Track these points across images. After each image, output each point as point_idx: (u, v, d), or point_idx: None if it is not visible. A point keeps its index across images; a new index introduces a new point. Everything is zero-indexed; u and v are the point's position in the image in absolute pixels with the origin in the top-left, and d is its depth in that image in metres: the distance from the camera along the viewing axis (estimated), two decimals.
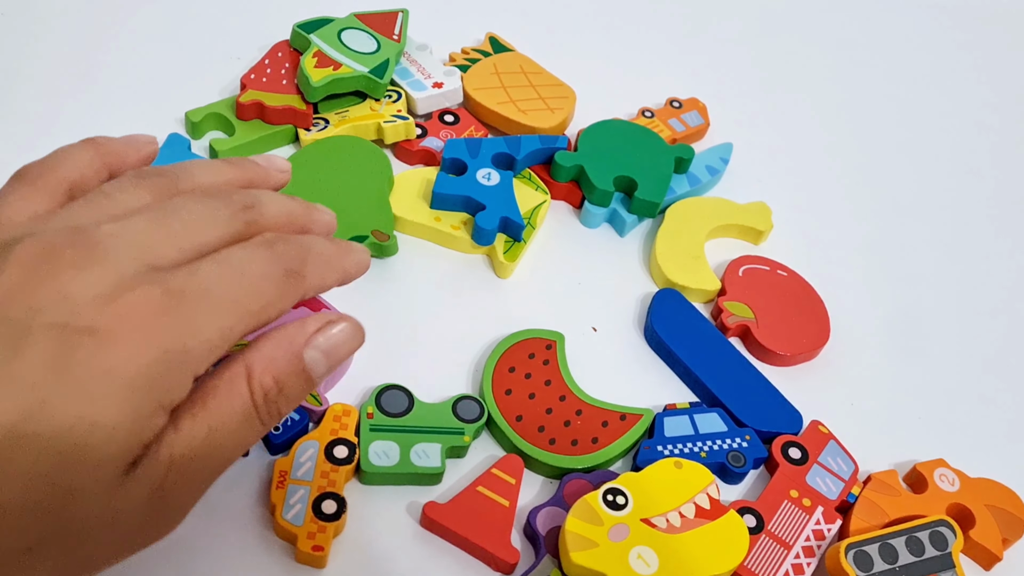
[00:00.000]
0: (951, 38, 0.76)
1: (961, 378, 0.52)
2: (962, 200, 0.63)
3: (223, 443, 0.29)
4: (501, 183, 0.51)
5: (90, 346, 0.26)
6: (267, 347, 0.30)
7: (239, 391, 0.29)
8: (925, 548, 0.42)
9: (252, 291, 0.30)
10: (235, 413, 0.29)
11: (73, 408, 0.26)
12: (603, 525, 0.39)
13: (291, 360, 0.30)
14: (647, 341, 0.50)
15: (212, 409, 0.29)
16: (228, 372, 0.30)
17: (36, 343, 0.26)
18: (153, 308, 0.27)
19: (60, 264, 0.27)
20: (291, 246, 0.32)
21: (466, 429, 0.43)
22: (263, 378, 0.30)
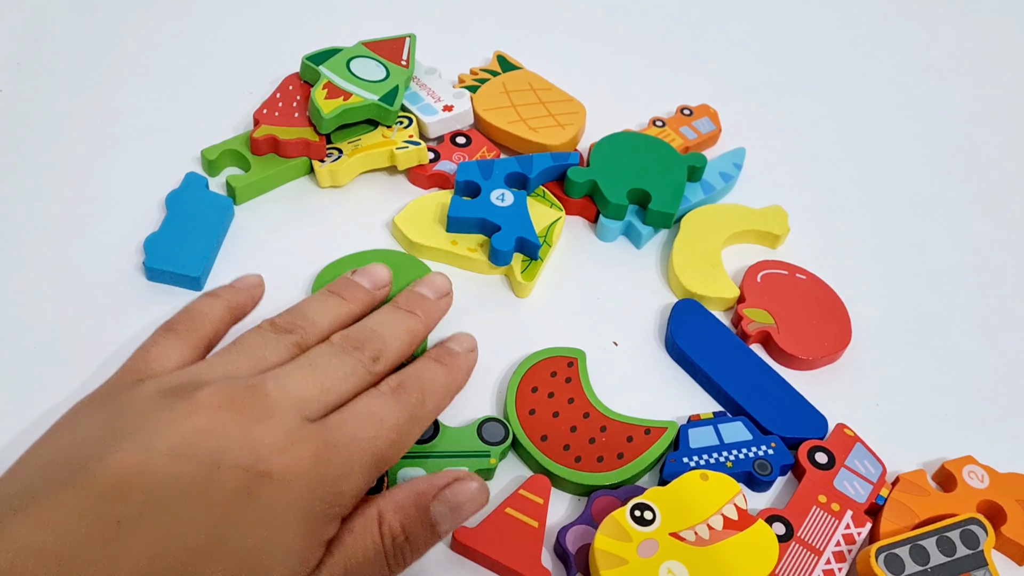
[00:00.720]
0: (967, 36, 0.76)
1: (986, 374, 0.52)
2: (980, 196, 0.62)
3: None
4: (515, 203, 0.52)
5: (270, 486, 0.31)
6: (399, 495, 0.35)
7: (371, 533, 0.34)
8: (956, 547, 0.42)
9: (387, 440, 0.35)
10: (368, 553, 0.34)
11: (258, 531, 0.30)
12: (632, 541, 0.40)
13: (419, 510, 0.35)
14: (668, 353, 0.50)
15: (348, 547, 0.33)
16: (363, 515, 0.34)
17: (225, 477, 0.31)
18: (315, 458, 0.33)
19: (241, 413, 0.33)
20: (412, 393, 0.38)
21: (492, 451, 0.43)
22: (392, 523, 0.34)
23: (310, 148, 0.54)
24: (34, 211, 0.52)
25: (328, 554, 0.33)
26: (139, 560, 0.28)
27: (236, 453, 0.31)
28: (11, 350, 0.45)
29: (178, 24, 0.65)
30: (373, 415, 0.36)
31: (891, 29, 0.75)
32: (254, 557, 0.30)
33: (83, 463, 0.30)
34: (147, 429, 0.32)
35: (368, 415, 0.36)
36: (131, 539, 0.28)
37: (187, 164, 0.55)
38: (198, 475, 0.30)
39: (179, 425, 0.32)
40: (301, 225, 0.53)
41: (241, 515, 0.30)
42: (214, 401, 0.33)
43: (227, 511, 0.30)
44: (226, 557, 0.30)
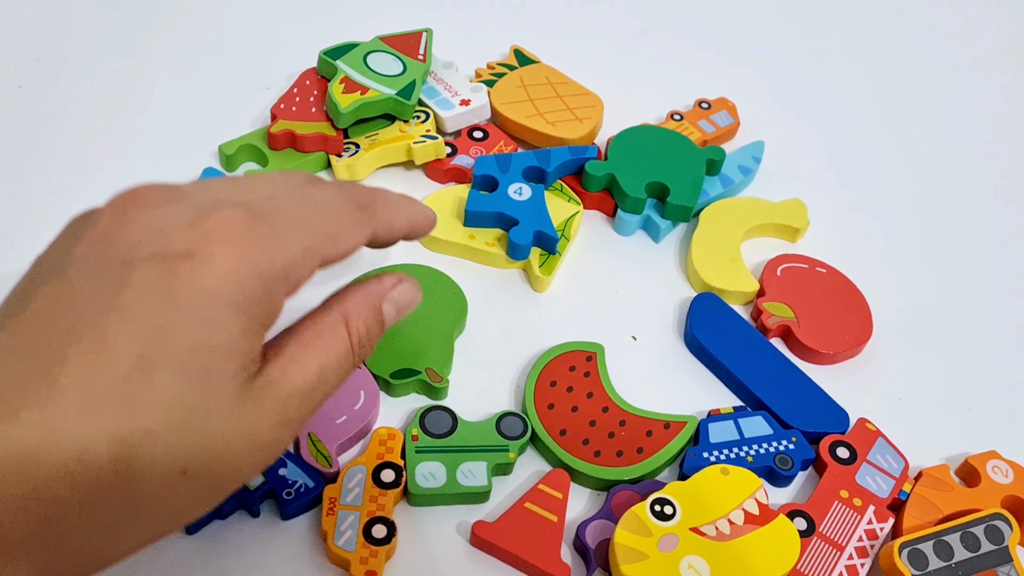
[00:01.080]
0: (988, 25, 0.75)
1: (1009, 367, 0.51)
2: (1001, 187, 0.62)
3: (330, 377, 0.32)
4: (533, 197, 0.52)
5: (190, 269, 0.28)
6: (356, 299, 0.34)
7: (340, 335, 0.33)
8: (981, 543, 0.41)
9: (328, 216, 0.32)
10: (339, 353, 0.32)
11: (190, 334, 0.27)
12: (652, 536, 0.39)
13: (374, 311, 0.34)
14: (688, 347, 0.50)
15: (320, 349, 0.32)
16: (328, 318, 0.33)
17: (141, 274, 0.28)
18: (239, 226, 0.29)
19: (147, 204, 0.30)
20: (360, 187, 0.35)
21: (511, 446, 0.43)
22: (357, 323, 0.33)
23: (327, 143, 0.54)
24: (52, 206, 0.52)
25: (295, 359, 0.31)
26: (78, 382, 0.26)
27: (145, 245, 0.28)
28: None
29: (195, 19, 0.65)
30: (308, 195, 0.33)
31: (912, 20, 0.74)
32: (193, 362, 0.27)
33: (11, 310, 0.28)
34: (64, 252, 0.29)
35: (303, 194, 0.33)
36: (67, 365, 0.26)
37: (205, 159, 0.55)
38: (113, 279, 0.28)
39: (85, 236, 0.29)
40: None
41: (166, 314, 0.27)
42: (120, 200, 0.30)
43: (152, 313, 0.27)
44: (163, 367, 0.27)
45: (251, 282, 0.29)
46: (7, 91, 0.58)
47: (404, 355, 0.46)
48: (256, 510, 0.41)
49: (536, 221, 0.51)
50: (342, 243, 0.32)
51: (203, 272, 0.28)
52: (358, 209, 0.33)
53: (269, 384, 0.30)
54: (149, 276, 0.28)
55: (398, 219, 0.36)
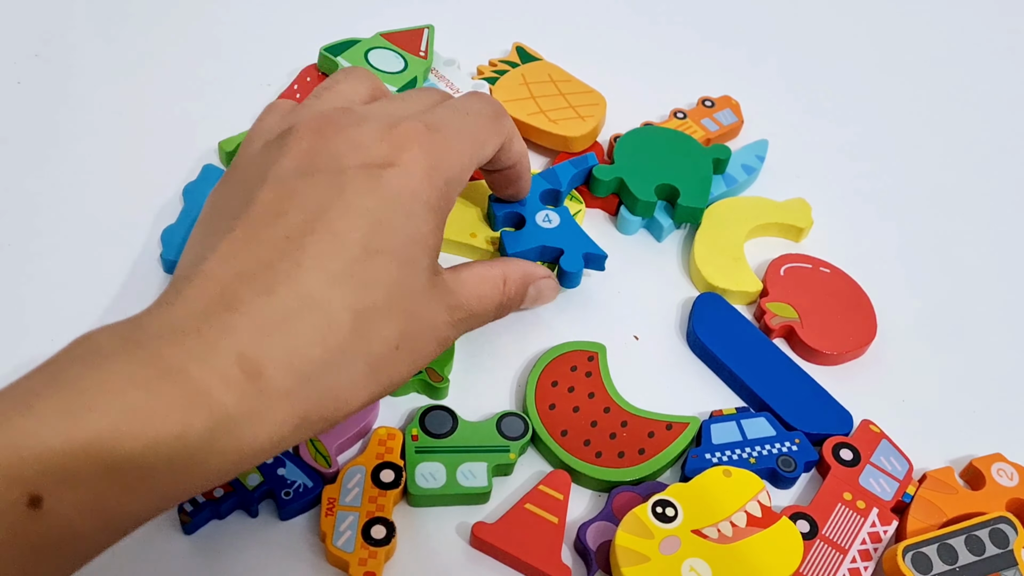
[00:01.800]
0: (996, 23, 0.74)
1: (1015, 369, 0.51)
2: (1006, 188, 0.61)
3: (481, 314, 0.39)
4: (563, 220, 0.50)
5: (393, 175, 0.33)
6: (516, 269, 0.41)
7: (497, 287, 0.40)
8: (986, 546, 0.41)
9: (477, 125, 0.39)
10: (493, 300, 0.39)
11: (401, 228, 0.33)
12: (654, 538, 0.39)
13: (524, 287, 0.42)
14: (690, 347, 0.49)
15: (483, 288, 0.39)
16: (493, 272, 0.40)
17: (354, 178, 0.33)
18: (423, 136, 0.35)
19: (339, 125, 0.35)
20: (488, 98, 0.41)
21: (511, 446, 0.43)
22: (511, 287, 0.40)
23: None
24: (50, 203, 0.51)
25: (467, 282, 0.37)
26: (318, 263, 0.31)
27: (351, 156, 0.34)
28: (29, 343, 0.45)
29: (196, 16, 0.64)
30: (461, 107, 0.39)
31: (919, 17, 0.74)
32: (404, 252, 0.33)
33: (235, 214, 0.33)
34: (270, 166, 0.34)
35: (456, 107, 0.38)
36: (306, 251, 0.31)
37: (204, 156, 0.54)
38: (331, 185, 0.33)
39: (290, 152, 0.34)
40: None
41: (382, 211, 0.33)
42: (312, 125, 0.35)
43: (371, 209, 0.32)
44: (382, 255, 0.32)
45: (440, 185, 0.35)
46: (6, 87, 0.57)
47: None
48: (255, 510, 0.41)
49: (580, 244, 0.49)
50: (488, 148, 0.39)
51: (405, 177, 0.33)
52: (496, 117, 0.40)
53: (445, 286, 0.36)
54: (361, 180, 0.33)
55: (517, 140, 0.42)
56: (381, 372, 0.33)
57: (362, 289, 0.31)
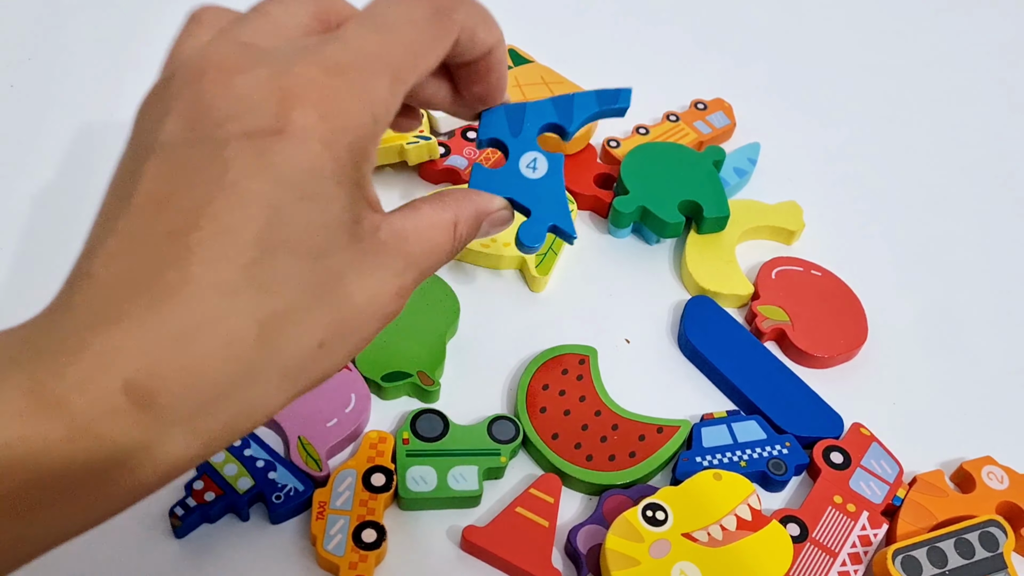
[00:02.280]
0: (988, 27, 0.74)
1: (1005, 372, 0.51)
2: (997, 192, 0.61)
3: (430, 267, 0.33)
4: (550, 172, 0.39)
5: (284, 147, 0.27)
6: (467, 207, 0.35)
7: (447, 234, 0.34)
8: (975, 550, 0.41)
9: (404, 35, 0.30)
10: (441, 248, 0.33)
11: (301, 214, 0.28)
12: (644, 542, 0.39)
13: (477, 223, 0.36)
14: (681, 350, 0.49)
15: (432, 239, 0.33)
16: (443, 216, 0.34)
17: (238, 153, 0.27)
18: (320, 88, 0.28)
19: (225, 73, 0.28)
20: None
21: (502, 450, 0.43)
22: (462, 230, 0.35)
23: None
24: (42, 207, 0.51)
25: (414, 235, 0.32)
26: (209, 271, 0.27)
27: (234, 121, 0.28)
28: None
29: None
30: (379, 17, 0.30)
31: (910, 21, 0.74)
32: (312, 242, 0.28)
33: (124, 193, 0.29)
34: (156, 127, 0.29)
35: (374, 19, 0.30)
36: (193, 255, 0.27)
37: None
38: (214, 162, 0.27)
39: (173, 109, 0.29)
40: None
41: (278, 196, 0.27)
42: (191, 71, 0.29)
43: (261, 193, 0.27)
44: (288, 246, 0.27)
45: (345, 151, 0.28)
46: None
47: (395, 358, 0.46)
48: (245, 514, 0.40)
49: (551, 210, 0.39)
50: (424, 62, 0.31)
51: (298, 149, 0.27)
52: (434, 18, 0.31)
53: (385, 250, 0.31)
54: (246, 156, 0.27)
55: (482, 28, 0.33)
56: (300, 376, 0.29)
57: (264, 295, 0.27)
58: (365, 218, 0.29)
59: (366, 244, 0.30)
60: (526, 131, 0.40)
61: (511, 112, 0.39)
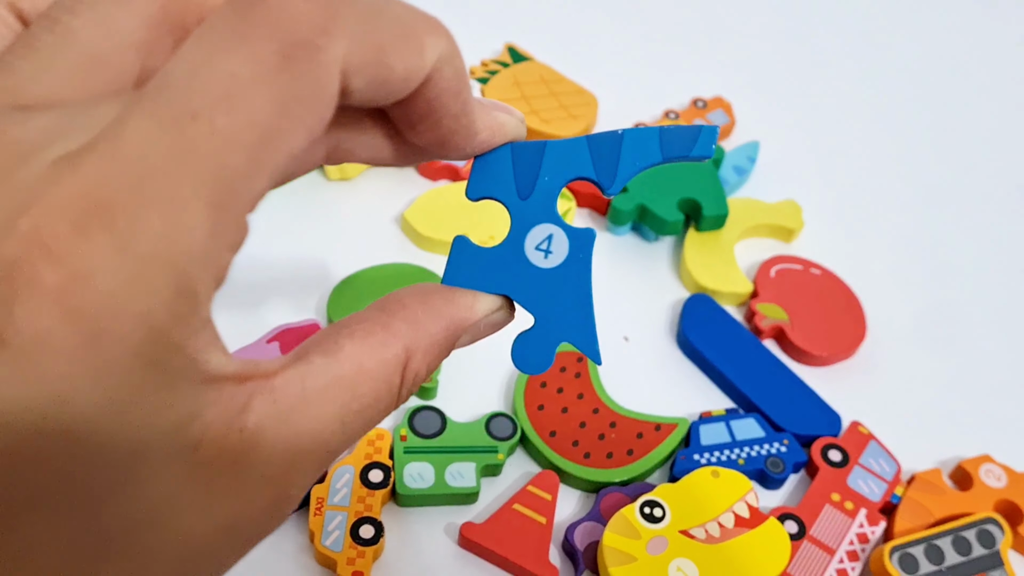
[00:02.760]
0: (985, 25, 0.75)
1: (1004, 371, 0.51)
2: (996, 191, 0.61)
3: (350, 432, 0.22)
4: (571, 260, 0.26)
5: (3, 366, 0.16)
6: (432, 327, 0.23)
7: (390, 377, 0.22)
8: (972, 547, 0.41)
9: (234, 126, 0.17)
10: (379, 396, 0.22)
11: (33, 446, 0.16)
12: (641, 539, 0.39)
13: (449, 346, 0.24)
14: (680, 348, 0.49)
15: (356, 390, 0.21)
16: (382, 353, 0.22)
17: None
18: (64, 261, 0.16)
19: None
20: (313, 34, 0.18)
21: (500, 447, 0.43)
22: (419, 366, 0.23)
23: None
24: None
25: (323, 399, 0.20)
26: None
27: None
28: None
29: None
30: (195, 75, 0.17)
31: (908, 20, 0.74)
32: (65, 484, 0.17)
33: None
34: None
35: (183, 77, 0.17)
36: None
37: None
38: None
39: None
40: (310, 218, 0.52)
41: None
42: None
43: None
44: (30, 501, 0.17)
45: (121, 351, 0.16)
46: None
47: None
48: None
49: (567, 321, 0.27)
50: (277, 146, 0.18)
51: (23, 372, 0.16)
52: (286, 61, 0.18)
53: (252, 448, 0.19)
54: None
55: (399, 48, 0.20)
56: None
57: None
58: (201, 413, 0.18)
59: (205, 454, 0.18)
60: (542, 189, 0.26)
61: (521, 156, 0.26)
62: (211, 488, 0.19)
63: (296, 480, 0.21)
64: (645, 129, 0.25)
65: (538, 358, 0.26)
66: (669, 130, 0.25)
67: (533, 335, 0.26)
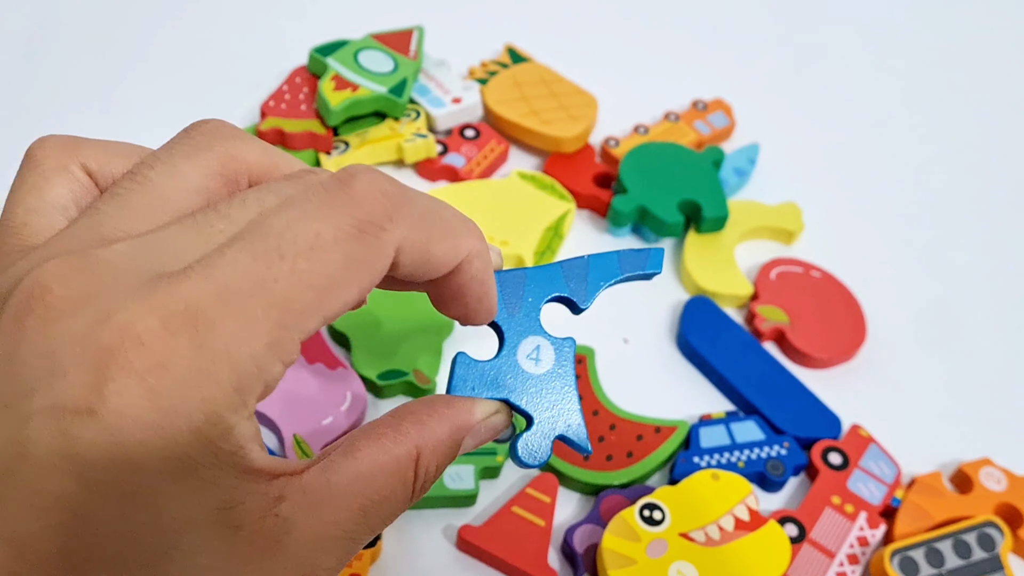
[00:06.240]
0: (986, 27, 0.74)
1: (1004, 374, 0.51)
2: (997, 192, 0.61)
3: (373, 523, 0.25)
4: (557, 366, 0.30)
5: (93, 437, 0.19)
6: (437, 430, 0.27)
7: (404, 475, 0.25)
8: (972, 550, 0.41)
9: (304, 276, 0.21)
10: (395, 493, 0.25)
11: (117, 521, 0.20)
12: (641, 541, 0.39)
13: (454, 444, 0.27)
14: (680, 351, 0.49)
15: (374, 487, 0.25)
16: (395, 452, 0.25)
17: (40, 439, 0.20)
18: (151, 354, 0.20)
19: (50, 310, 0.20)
20: (372, 184, 0.23)
21: (498, 449, 0.43)
22: (429, 464, 0.26)
23: (317, 141, 0.53)
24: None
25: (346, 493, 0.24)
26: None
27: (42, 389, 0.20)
28: None
29: (185, 17, 0.64)
30: (272, 232, 0.21)
31: (909, 22, 0.74)
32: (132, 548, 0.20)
33: None
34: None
35: (263, 234, 0.21)
36: None
37: None
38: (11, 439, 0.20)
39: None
40: None
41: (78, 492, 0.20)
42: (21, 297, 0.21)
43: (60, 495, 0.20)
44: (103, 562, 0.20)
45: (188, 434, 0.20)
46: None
47: (392, 356, 0.46)
48: None
49: (559, 417, 0.30)
50: (332, 302, 0.22)
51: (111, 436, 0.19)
52: (360, 235, 0.22)
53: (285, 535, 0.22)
54: (49, 440, 0.19)
55: (440, 242, 0.25)
56: None
57: None
58: (243, 500, 0.21)
59: (246, 534, 0.21)
60: (527, 308, 0.31)
61: (506, 281, 0.31)
62: (249, 564, 0.22)
63: (323, 563, 0.24)
64: (607, 254, 0.31)
65: (538, 453, 0.30)
66: (625, 253, 0.32)
67: (531, 434, 0.30)
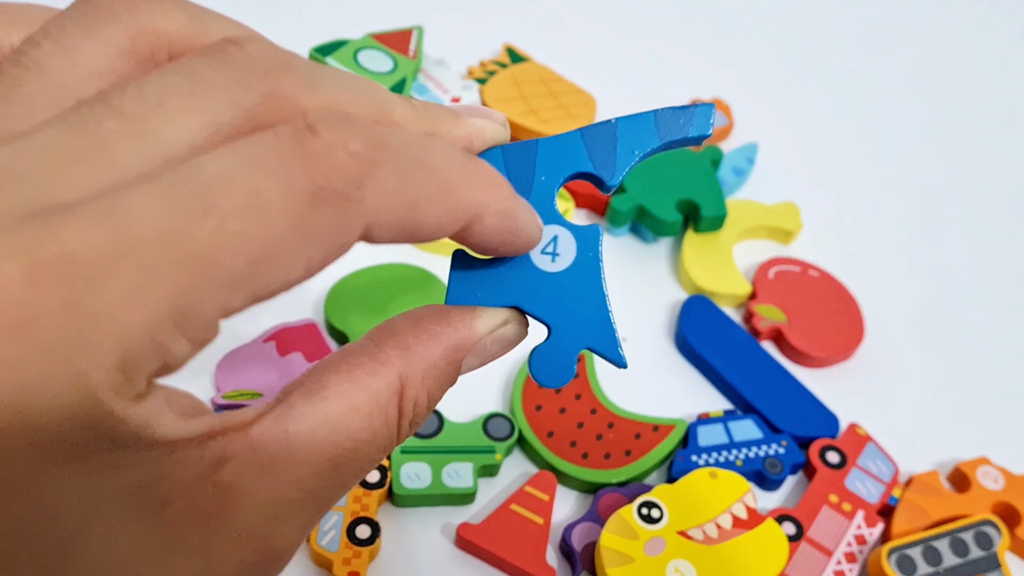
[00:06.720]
0: (983, 27, 0.75)
1: (1001, 373, 0.51)
2: (996, 192, 0.61)
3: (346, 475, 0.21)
4: (580, 260, 0.25)
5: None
6: (429, 353, 0.22)
7: (386, 411, 0.21)
8: (970, 549, 0.41)
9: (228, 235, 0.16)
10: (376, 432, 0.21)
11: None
12: (639, 539, 0.39)
13: (452, 367, 0.22)
14: (678, 349, 0.49)
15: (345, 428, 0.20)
16: (373, 385, 0.21)
17: None
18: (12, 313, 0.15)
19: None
20: (339, 138, 0.18)
21: (497, 447, 0.43)
22: (418, 395, 0.21)
23: None
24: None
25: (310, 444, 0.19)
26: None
27: None
28: None
29: None
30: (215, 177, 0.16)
31: (906, 21, 0.74)
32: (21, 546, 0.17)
33: None
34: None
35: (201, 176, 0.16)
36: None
37: None
38: None
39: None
40: None
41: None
42: None
43: None
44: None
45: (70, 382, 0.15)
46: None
47: None
48: None
49: (585, 325, 0.24)
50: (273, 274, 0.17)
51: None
52: (314, 201, 0.17)
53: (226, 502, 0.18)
54: None
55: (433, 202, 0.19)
56: None
57: None
58: (166, 474, 0.17)
59: (176, 510, 0.18)
60: (540, 189, 0.24)
61: (513, 157, 0.24)
62: (179, 546, 0.18)
63: (281, 533, 0.19)
64: (639, 114, 0.24)
65: (559, 370, 0.24)
66: (664, 112, 0.24)
67: (550, 346, 0.24)
